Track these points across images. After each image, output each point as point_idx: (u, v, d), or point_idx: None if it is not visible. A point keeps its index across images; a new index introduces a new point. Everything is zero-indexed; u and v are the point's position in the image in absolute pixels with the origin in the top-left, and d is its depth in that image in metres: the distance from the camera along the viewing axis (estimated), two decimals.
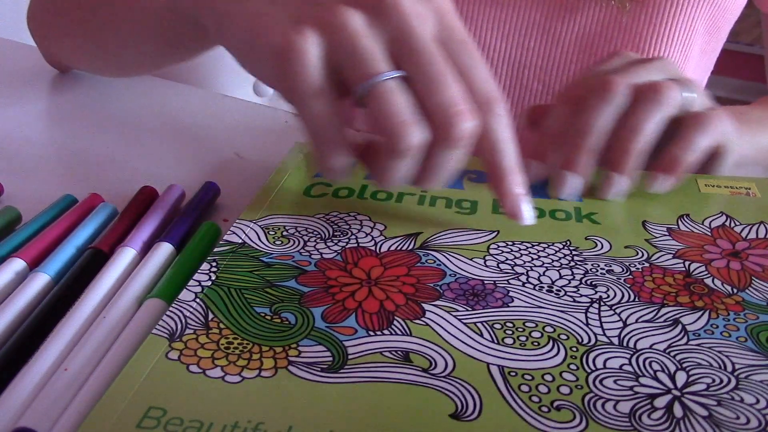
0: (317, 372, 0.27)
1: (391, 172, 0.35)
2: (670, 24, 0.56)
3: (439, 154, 0.34)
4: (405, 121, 0.33)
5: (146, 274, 0.33)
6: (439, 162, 0.35)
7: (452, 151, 0.34)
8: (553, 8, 0.57)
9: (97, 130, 0.53)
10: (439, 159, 0.34)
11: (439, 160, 0.35)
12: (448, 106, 0.33)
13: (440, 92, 0.33)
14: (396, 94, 0.34)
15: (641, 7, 0.56)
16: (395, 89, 0.34)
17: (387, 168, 0.35)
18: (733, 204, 0.40)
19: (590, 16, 0.56)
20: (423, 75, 0.34)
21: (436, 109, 0.33)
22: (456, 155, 0.34)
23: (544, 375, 0.27)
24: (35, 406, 0.25)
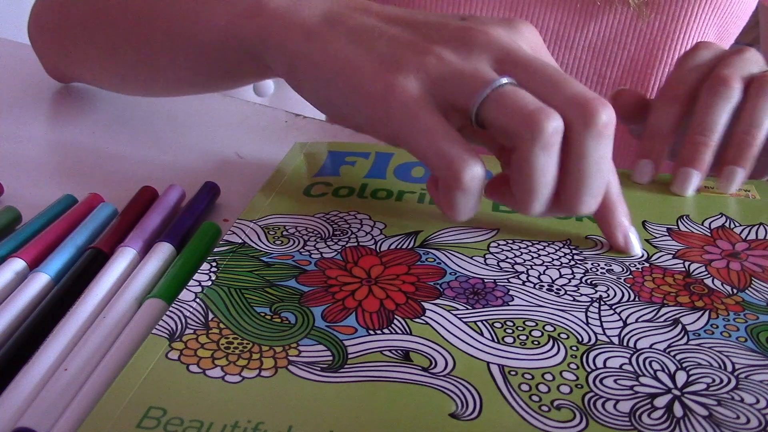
0: (317, 371, 0.27)
1: (535, 176, 0.31)
2: (684, 30, 0.57)
3: (585, 144, 0.31)
4: (540, 107, 0.30)
5: (146, 274, 0.33)
6: (587, 153, 0.31)
7: (599, 140, 0.31)
8: (566, 14, 0.57)
9: (97, 130, 0.53)
10: (585, 150, 0.31)
11: (587, 152, 0.31)
12: (582, 94, 0.31)
13: (566, 88, 0.31)
14: (519, 91, 0.31)
15: (655, 13, 0.56)
16: (516, 89, 0.31)
17: (530, 172, 0.31)
18: (732, 205, 0.40)
19: (603, 23, 0.56)
20: (540, 78, 0.32)
21: (569, 101, 0.31)
22: (603, 149, 0.31)
23: (545, 374, 0.27)
24: (35, 406, 0.25)
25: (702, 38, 0.58)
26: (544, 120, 0.30)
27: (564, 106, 0.31)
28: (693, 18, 0.56)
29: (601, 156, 0.31)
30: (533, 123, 0.30)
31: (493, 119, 0.31)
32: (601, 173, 0.32)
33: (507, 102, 0.31)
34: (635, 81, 0.58)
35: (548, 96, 0.31)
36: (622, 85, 0.58)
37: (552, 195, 0.32)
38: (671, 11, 0.56)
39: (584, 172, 0.31)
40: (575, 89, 0.31)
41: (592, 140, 0.31)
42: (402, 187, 0.41)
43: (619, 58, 0.57)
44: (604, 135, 0.31)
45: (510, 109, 0.31)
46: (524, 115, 0.30)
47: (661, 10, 0.56)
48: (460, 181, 0.31)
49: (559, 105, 0.31)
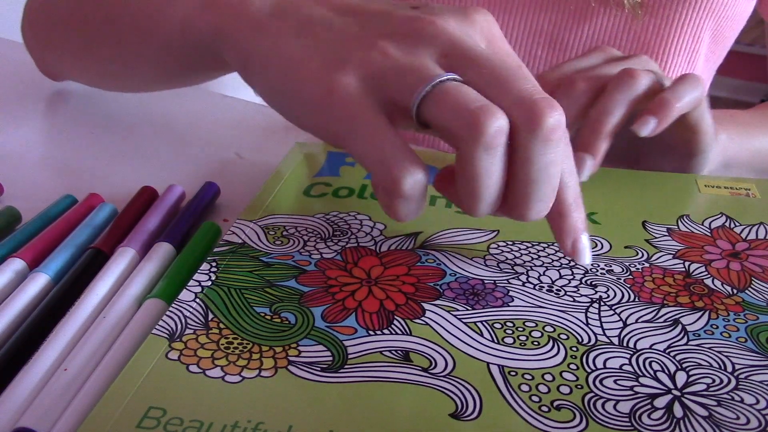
0: (317, 372, 0.27)
1: (478, 179, 0.29)
2: (677, 33, 0.57)
3: (530, 149, 0.29)
4: (481, 106, 0.29)
5: (146, 274, 0.33)
6: (533, 159, 0.29)
7: (546, 146, 0.29)
8: (560, 16, 0.57)
9: (97, 130, 0.53)
10: (531, 155, 0.29)
11: (533, 157, 0.29)
12: (529, 94, 0.29)
13: (514, 86, 0.29)
14: (462, 87, 0.30)
15: (648, 16, 0.56)
16: (459, 85, 0.30)
17: (472, 173, 0.29)
18: (732, 205, 0.40)
19: (597, 25, 0.56)
20: (487, 74, 0.30)
21: (515, 101, 0.29)
22: (551, 154, 0.29)
23: (544, 375, 0.27)
24: (35, 406, 0.25)
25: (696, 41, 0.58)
26: (486, 120, 0.28)
27: (510, 106, 0.29)
28: (686, 20, 0.56)
29: (548, 161, 0.29)
30: (474, 123, 0.28)
31: (434, 118, 0.30)
32: (549, 179, 0.30)
33: (448, 100, 0.29)
34: None
35: (494, 94, 0.29)
36: None
37: (498, 197, 0.31)
38: (665, 14, 0.56)
39: (530, 177, 0.30)
40: (524, 88, 0.29)
41: (538, 145, 0.29)
42: None
43: None
44: (551, 140, 0.29)
45: (450, 108, 0.29)
46: (465, 114, 0.29)
47: (655, 13, 0.56)
48: (399, 189, 0.30)
49: (505, 104, 0.29)
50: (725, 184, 0.42)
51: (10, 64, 0.63)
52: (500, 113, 0.29)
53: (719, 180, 0.42)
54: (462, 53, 0.31)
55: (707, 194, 0.41)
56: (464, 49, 0.31)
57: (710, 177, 0.43)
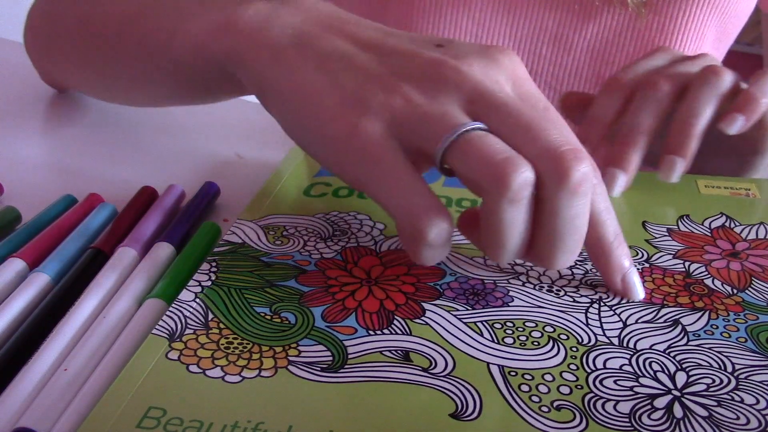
0: (317, 372, 0.27)
1: (502, 229, 0.29)
2: (681, 31, 0.57)
3: (557, 202, 0.28)
4: (507, 158, 0.28)
5: (146, 274, 0.33)
6: (560, 212, 0.29)
7: (573, 198, 0.28)
8: (564, 16, 0.57)
9: (98, 131, 0.53)
10: (557, 208, 0.29)
11: (559, 210, 0.29)
12: (557, 146, 0.28)
13: (541, 136, 0.29)
14: (487, 137, 0.29)
15: (653, 14, 0.56)
16: (484, 135, 0.29)
17: (497, 224, 0.29)
18: (732, 205, 0.40)
19: (601, 24, 0.56)
20: (513, 123, 0.29)
21: (542, 152, 0.28)
22: (578, 207, 0.29)
23: (545, 375, 0.27)
24: (35, 406, 0.25)
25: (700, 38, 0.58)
26: (512, 172, 0.28)
27: (536, 157, 0.28)
28: (691, 18, 0.56)
29: (575, 214, 0.29)
30: (499, 175, 0.28)
31: (458, 167, 0.29)
32: (576, 231, 0.29)
33: (472, 150, 0.29)
34: None
35: (521, 144, 0.29)
36: None
37: (523, 245, 0.30)
38: (669, 12, 0.56)
39: (557, 229, 0.29)
40: (550, 138, 0.29)
41: (565, 198, 0.28)
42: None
43: (618, 60, 0.57)
44: (578, 193, 0.28)
45: (475, 158, 0.28)
46: (490, 166, 0.28)
47: (659, 11, 0.56)
48: (424, 238, 0.29)
49: (531, 155, 0.28)
50: (725, 184, 0.42)
51: (10, 64, 0.63)
52: (526, 166, 0.28)
53: (719, 180, 0.42)
54: (487, 100, 0.30)
55: (707, 194, 0.41)
56: (489, 96, 0.30)
57: (710, 177, 0.43)
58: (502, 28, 0.57)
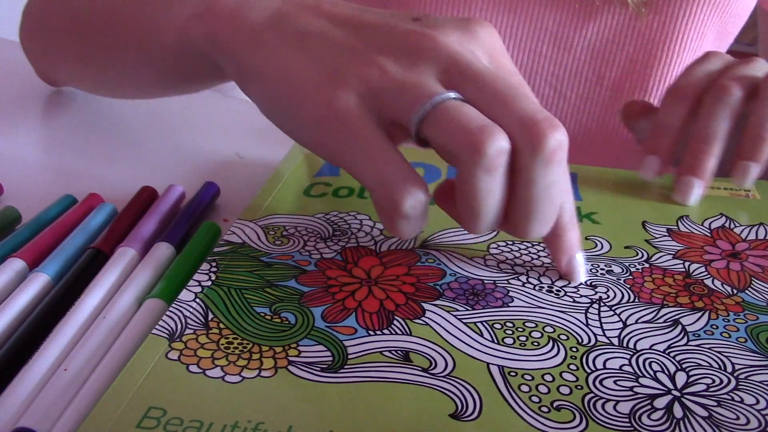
0: (317, 372, 0.27)
1: (478, 199, 0.29)
2: (682, 30, 0.57)
3: (532, 170, 0.28)
4: (482, 126, 0.28)
5: (146, 274, 0.33)
6: (535, 180, 0.29)
7: (548, 167, 0.28)
8: (565, 15, 0.57)
9: (98, 130, 0.53)
10: (533, 176, 0.29)
11: (534, 178, 0.29)
12: (532, 115, 0.28)
13: (516, 105, 0.29)
14: (463, 106, 0.29)
15: (653, 14, 0.56)
16: (459, 104, 0.29)
17: (472, 194, 0.29)
18: (732, 206, 0.40)
19: (602, 23, 0.56)
20: (489, 93, 0.29)
21: (517, 121, 0.28)
22: (553, 175, 0.29)
23: (544, 375, 0.27)
24: (35, 406, 0.25)
25: (701, 38, 0.58)
26: (486, 140, 0.28)
27: (511, 125, 0.28)
28: (692, 18, 0.56)
29: (550, 182, 0.29)
30: (474, 143, 0.28)
31: (434, 137, 0.29)
32: (551, 200, 0.29)
33: (448, 119, 0.29)
34: (634, 81, 0.58)
35: (496, 113, 0.29)
36: (621, 86, 0.58)
37: (499, 215, 0.30)
38: (670, 11, 0.56)
39: (531, 198, 0.29)
40: (526, 108, 0.29)
41: (540, 166, 0.28)
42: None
43: (618, 59, 0.57)
44: (553, 161, 0.28)
45: (450, 127, 0.28)
46: (465, 135, 0.28)
47: (660, 11, 0.56)
48: (400, 210, 0.29)
49: (506, 124, 0.28)
50: (725, 185, 0.42)
51: (9, 63, 0.63)
52: (501, 133, 0.28)
53: (719, 181, 0.42)
54: (463, 70, 0.30)
55: (707, 195, 0.41)
56: (465, 66, 0.30)
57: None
58: (502, 27, 0.57)
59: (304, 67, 0.32)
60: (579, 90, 0.59)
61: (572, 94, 0.59)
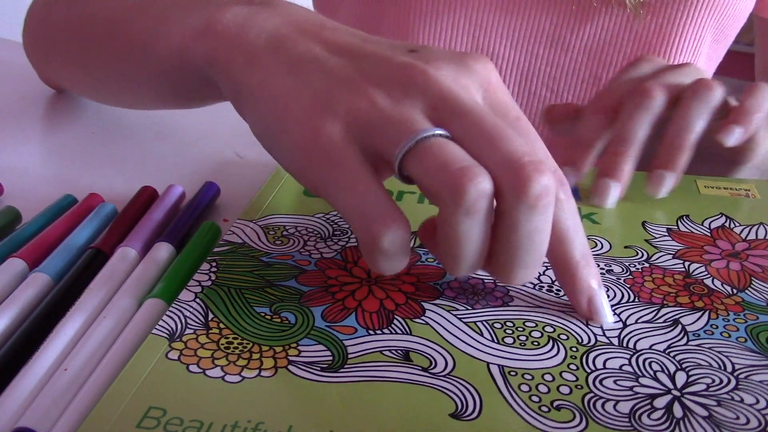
0: (317, 371, 0.27)
1: (458, 241, 0.28)
2: (679, 32, 0.57)
3: (515, 216, 0.27)
4: (466, 167, 0.27)
5: (146, 274, 0.33)
6: (518, 226, 0.27)
7: (531, 213, 0.27)
8: (561, 16, 0.57)
9: (97, 130, 0.53)
10: (516, 221, 0.27)
11: (517, 224, 0.27)
12: (518, 157, 0.27)
13: (502, 145, 0.28)
14: (447, 144, 0.28)
15: (651, 16, 0.56)
16: (443, 142, 0.28)
17: (452, 236, 0.28)
18: (732, 205, 0.40)
19: (599, 25, 0.56)
20: (476, 131, 0.28)
21: (502, 162, 0.27)
22: (537, 221, 0.27)
23: (544, 375, 0.27)
24: (35, 406, 0.25)
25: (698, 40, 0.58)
26: (468, 182, 0.26)
27: (496, 167, 0.27)
28: (689, 20, 0.56)
29: (533, 229, 0.28)
30: (455, 184, 0.27)
31: (416, 175, 0.28)
32: (535, 247, 0.28)
33: (430, 156, 0.28)
34: None
35: (481, 153, 0.28)
36: None
37: (479, 259, 0.29)
38: (667, 13, 0.56)
39: (515, 244, 0.28)
40: (511, 148, 0.27)
41: (524, 212, 0.27)
42: (402, 187, 0.41)
43: (615, 60, 0.58)
44: (537, 207, 0.27)
45: (432, 165, 0.27)
46: (446, 174, 0.27)
47: (657, 12, 0.56)
48: (378, 246, 0.28)
49: (491, 165, 0.27)
50: (725, 185, 0.42)
51: (10, 64, 0.63)
52: (483, 176, 0.27)
53: (719, 181, 0.42)
54: (451, 107, 0.29)
55: (707, 195, 0.41)
56: (454, 103, 0.29)
57: (710, 178, 0.43)
58: (500, 29, 0.57)
59: (295, 92, 0.31)
60: (576, 91, 0.59)
61: (569, 96, 0.59)
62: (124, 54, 0.42)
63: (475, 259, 0.29)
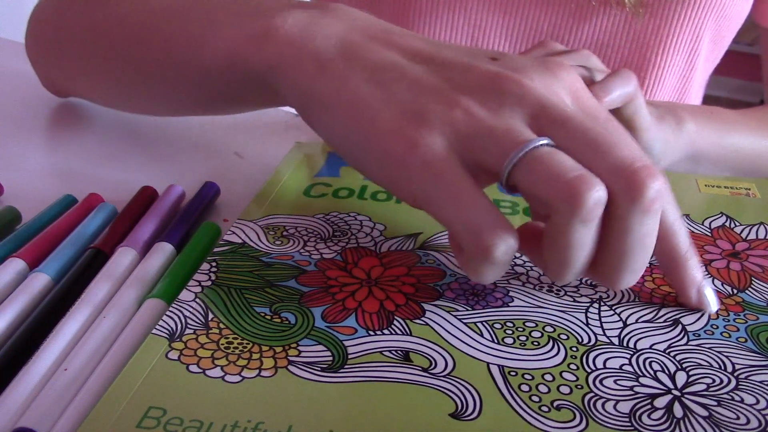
0: (317, 372, 0.27)
1: (571, 249, 0.28)
2: (678, 32, 0.57)
3: (629, 220, 0.27)
4: (579, 176, 0.27)
5: (146, 274, 0.33)
6: (631, 230, 0.27)
7: (645, 217, 0.27)
8: (560, 16, 0.57)
9: (98, 130, 0.53)
10: (629, 226, 0.27)
11: (630, 228, 0.27)
12: (630, 162, 0.27)
13: (611, 152, 0.27)
14: (557, 154, 0.28)
15: (648, 16, 0.56)
16: (553, 152, 0.28)
17: (565, 244, 0.27)
18: (733, 204, 0.40)
19: (597, 25, 0.56)
20: (581, 139, 0.28)
21: (614, 168, 0.27)
22: (650, 225, 0.27)
23: (544, 375, 0.27)
24: (35, 406, 0.25)
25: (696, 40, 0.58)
26: (585, 191, 0.26)
27: (607, 173, 0.27)
28: (686, 21, 0.56)
29: (647, 232, 0.28)
30: (572, 194, 0.26)
31: (527, 185, 0.28)
32: (645, 250, 0.28)
33: (542, 167, 0.27)
34: None
35: (590, 160, 0.28)
36: None
37: (588, 265, 0.29)
38: (665, 13, 0.56)
39: (626, 248, 0.28)
40: (621, 154, 0.27)
41: (638, 216, 0.27)
42: None
43: (613, 61, 0.58)
44: (651, 210, 0.27)
45: (545, 176, 0.27)
46: (562, 184, 0.27)
47: (656, 12, 0.56)
48: (490, 256, 0.28)
49: (601, 172, 0.27)
50: (725, 184, 0.42)
51: (10, 64, 0.63)
52: (599, 184, 0.27)
53: (719, 180, 0.42)
54: (551, 115, 0.29)
55: (707, 194, 0.41)
56: (554, 111, 0.29)
57: (710, 177, 0.43)
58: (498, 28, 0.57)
59: (381, 101, 0.30)
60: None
61: None
62: (161, 61, 0.40)
63: (584, 265, 0.29)
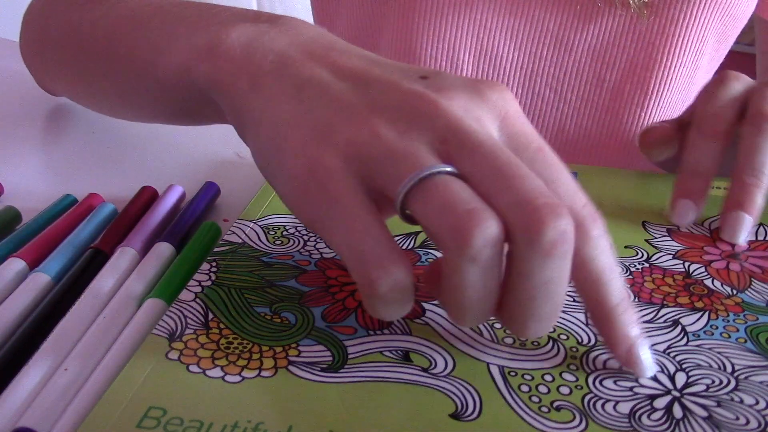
0: (317, 372, 0.27)
1: (461, 290, 0.25)
2: (683, 33, 0.56)
3: (528, 264, 0.24)
4: (472, 209, 0.24)
5: (146, 274, 0.33)
6: (530, 274, 0.24)
7: (546, 261, 0.24)
8: (566, 17, 0.57)
9: (97, 130, 0.53)
10: (528, 269, 0.24)
11: (529, 271, 0.24)
12: (532, 198, 0.24)
13: (516, 185, 0.25)
14: (452, 184, 0.25)
15: (654, 16, 0.56)
16: (450, 181, 0.25)
17: (456, 284, 0.25)
18: None
19: (603, 26, 0.56)
20: (486, 169, 0.25)
21: (515, 203, 0.24)
22: (553, 271, 0.24)
23: (544, 375, 0.27)
24: (35, 406, 0.25)
25: (701, 40, 0.58)
26: (473, 227, 0.24)
27: (507, 209, 0.24)
28: (692, 20, 0.56)
29: (548, 278, 0.25)
30: (458, 230, 0.24)
31: (419, 216, 0.26)
32: (549, 298, 0.25)
33: (435, 197, 0.25)
34: (634, 84, 0.58)
35: (492, 193, 0.25)
36: (621, 88, 0.58)
37: (488, 309, 0.26)
38: (670, 14, 0.56)
39: (528, 294, 0.25)
40: (525, 188, 0.25)
41: (537, 259, 0.24)
42: None
43: (619, 61, 0.58)
44: (552, 254, 0.24)
45: (436, 207, 0.25)
46: (450, 218, 0.24)
47: (661, 13, 0.56)
48: (375, 291, 0.25)
49: (501, 207, 0.25)
50: (725, 185, 0.42)
51: (10, 64, 0.63)
52: (492, 220, 0.24)
53: (719, 181, 0.42)
54: (461, 140, 0.26)
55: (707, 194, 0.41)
56: (464, 136, 0.26)
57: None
58: (503, 30, 0.57)
59: (296, 119, 0.29)
60: (579, 92, 0.59)
61: (573, 96, 0.59)
62: (125, 68, 0.40)
63: (483, 309, 0.26)
